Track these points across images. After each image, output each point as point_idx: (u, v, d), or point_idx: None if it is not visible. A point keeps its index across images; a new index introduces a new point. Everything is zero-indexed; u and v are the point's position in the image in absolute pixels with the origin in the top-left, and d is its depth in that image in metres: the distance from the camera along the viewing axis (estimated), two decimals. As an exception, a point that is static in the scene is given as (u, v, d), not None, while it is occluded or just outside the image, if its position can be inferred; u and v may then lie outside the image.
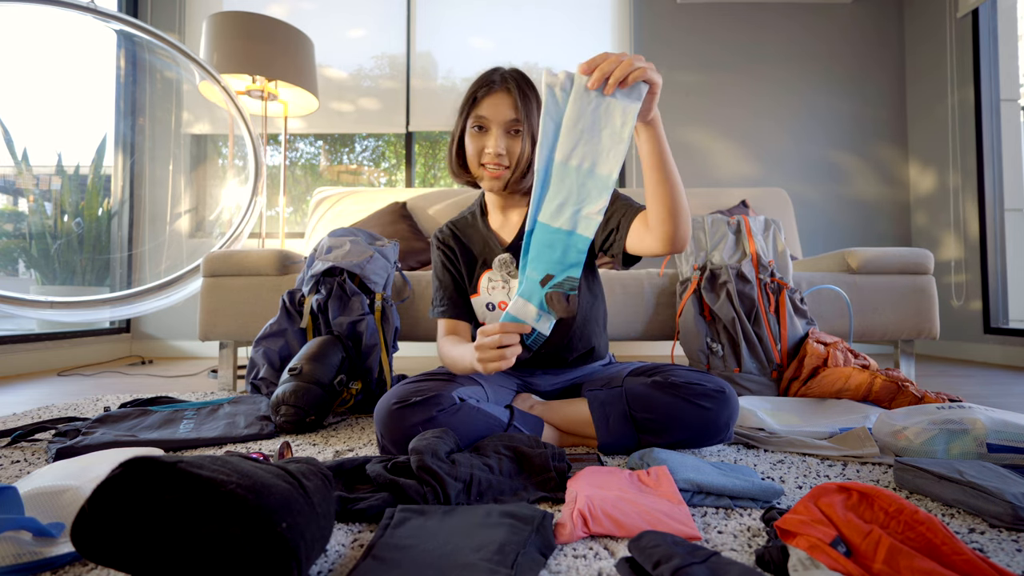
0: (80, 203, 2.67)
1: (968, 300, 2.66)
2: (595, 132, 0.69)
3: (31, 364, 2.22)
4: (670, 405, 0.92)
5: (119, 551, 0.44)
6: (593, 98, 0.68)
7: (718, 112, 3.06)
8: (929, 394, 1.16)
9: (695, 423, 0.92)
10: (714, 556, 0.50)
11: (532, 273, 0.75)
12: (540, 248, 0.74)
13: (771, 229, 1.52)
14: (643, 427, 0.93)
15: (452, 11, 3.09)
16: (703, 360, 1.39)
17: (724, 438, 0.95)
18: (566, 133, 0.69)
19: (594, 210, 0.72)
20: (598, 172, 0.70)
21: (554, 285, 0.74)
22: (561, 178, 0.71)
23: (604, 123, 0.68)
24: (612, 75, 0.66)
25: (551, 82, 0.69)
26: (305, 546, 0.46)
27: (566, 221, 0.73)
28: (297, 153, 3.28)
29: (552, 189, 0.72)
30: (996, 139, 2.60)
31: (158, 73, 3.01)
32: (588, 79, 0.67)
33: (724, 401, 0.93)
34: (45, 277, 2.57)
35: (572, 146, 0.70)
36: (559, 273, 0.74)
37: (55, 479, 0.66)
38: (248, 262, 1.67)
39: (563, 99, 0.69)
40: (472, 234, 1.11)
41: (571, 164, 0.71)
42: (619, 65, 0.66)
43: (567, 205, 0.72)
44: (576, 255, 0.74)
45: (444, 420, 0.87)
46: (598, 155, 0.70)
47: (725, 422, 0.93)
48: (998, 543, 0.60)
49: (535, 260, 0.74)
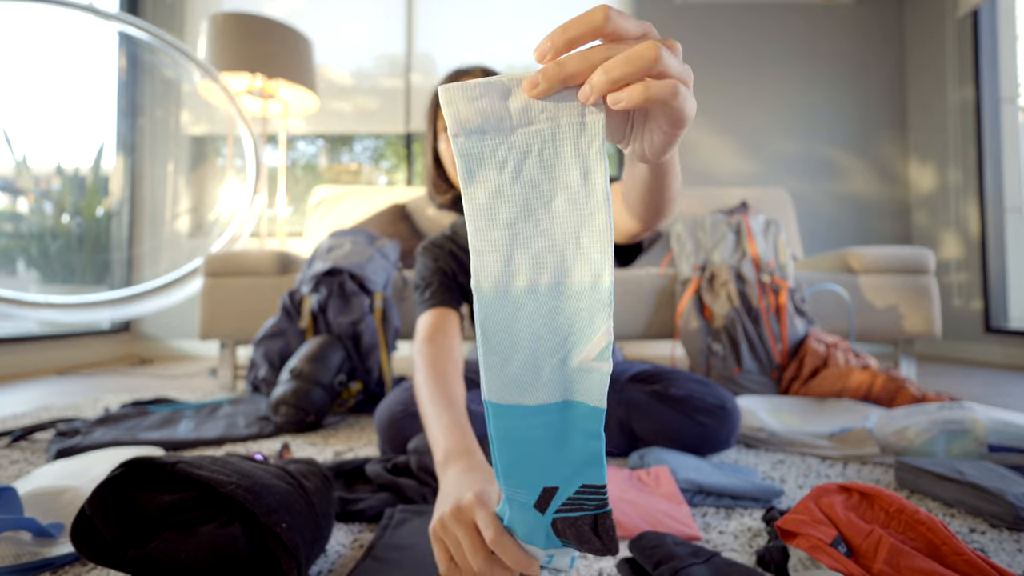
0: (80, 203, 2.67)
1: (968, 300, 2.66)
2: (536, 207, 0.33)
3: (31, 364, 2.22)
4: (669, 420, 0.90)
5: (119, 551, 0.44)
6: (515, 136, 0.32)
7: (718, 111, 3.06)
8: (929, 394, 1.16)
9: (694, 440, 0.90)
10: (715, 556, 0.50)
11: (515, 493, 0.38)
12: (511, 448, 0.36)
13: (771, 229, 1.52)
14: (640, 437, 0.92)
15: (452, 11, 3.09)
16: (703, 360, 1.39)
17: (726, 448, 0.94)
18: (481, 231, 0.34)
19: (594, 351, 0.33)
20: (573, 280, 0.33)
21: (564, 505, 0.37)
22: (506, 320, 0.34)
23: (549, 181, 0.33)
24: (596, 78, 0.29)
25: (465, 115, 0.32)
26: (305, 546, 0.46)
27: (547, 389, 0.35)
28: (297, 153, 3.28)
29: (494, 343, 0.35)
30: (996, 139, 2.60)
31: (158, 73, 3.01)
32: (519, 89, 0.31)
33: (724, 417, 0.91)
34: (45, 277, 2.56)
35: (502, 253, 0.34)
36: (566, 481, 0.36)
37: (55, 479, 0.66)
38: (248, 262, 1.67)
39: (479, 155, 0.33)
40: (448, 255, 0.99)
41: (514, 287, 0.34)
42: (612, 59, 0.29)
43: (538, 362, 0.35)
44: (587, 444, 0.35)
45: None
46: (562, 251, 0.33)
47: (725, 437, 0.92)
48: (998, 543, 0.60)
49: (509, 471, 0.37)
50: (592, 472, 0.36)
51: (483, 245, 0.34)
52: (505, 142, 0.32)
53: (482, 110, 0.31)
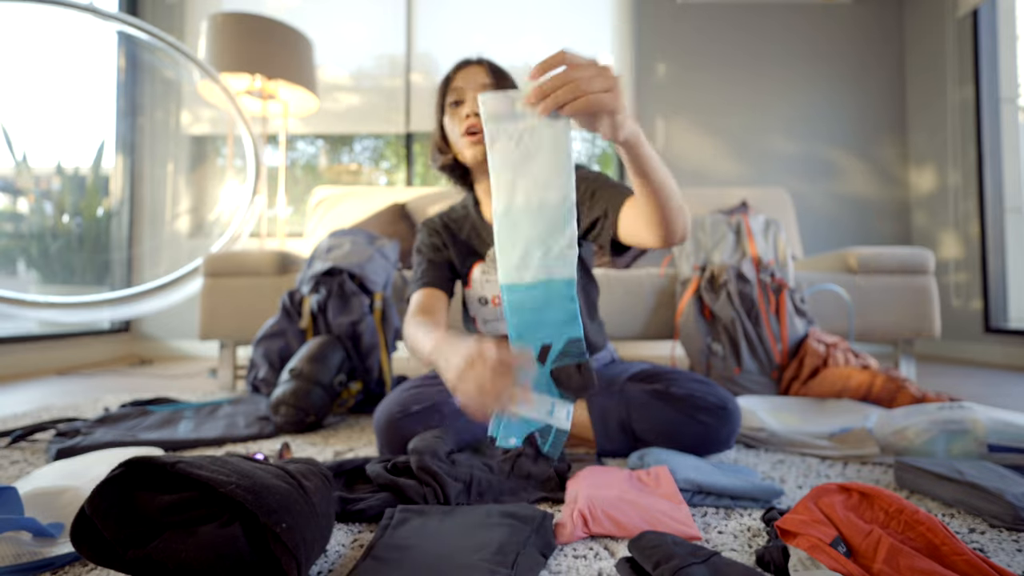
0: (80, 203, 2.67)
1: (968, 300, 2.66)
2: (528, 162, 0.57)
3: (31, 364, 2.22)
4: (669, 419, 0.90)
5: (119, 551, 0.44)
6: (518, 124, 0.57)
7: (718, 111, 3.06)
8: (929, 394, 1.16)
9: (694, 439, 0.90)
10: (714, 556, 0.50)
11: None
12: (519, 315, 0.59)
13: (771, 229, 1.52)
14: (641, 437, 0.92)
15: (452, 11, 3.09)
16: (703, 360, 1.39)
17: (726, 449, 0.94)
18: (498, 174, 0.58)
19: (564, 244, 0.58)
20: (549, 202, 0.58)
21: (557, 357, 0.60)
22: (511, 227, 0.59)
23: (535, 149, 0.57)
24: (549, 98, 0.53)
25: (492, 110, 0.57)
26: (305, 546, 0.46)
27: (536, 271, 0.59)
28: (297, 153, 3.28)
29: (505, 243, 0.59)
30: (996, 139, 2.60)
31: (158, 73, 3.01)
32: (520, 101, 0.56)
33: (725, 417, 0.91)
34: (45, 277, 2.56)
35: (509, 187, 0.58)
36: (556, 338, 0.59)
37: (55, 479, 0.66)
38: (248, 262, 1.67)
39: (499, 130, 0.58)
40: (464, 225, 1.06)
41: (515, 206, 0.58)
42: (563, 87, 0.52)
43: (530, 253, 0.59)
44: (565, 306, 0.59)
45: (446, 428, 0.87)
46: (542, 185, 0.57)
47: (726, 437, 0.92)
48: (998, 543, 0.60)
49: (519, 333, 0.60)
50: (572, 328, 0.59)
51: (499, 182, 0.58)
52: (513, 125, 0.57)
53: (502, 108, 0.57)
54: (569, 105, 0.52)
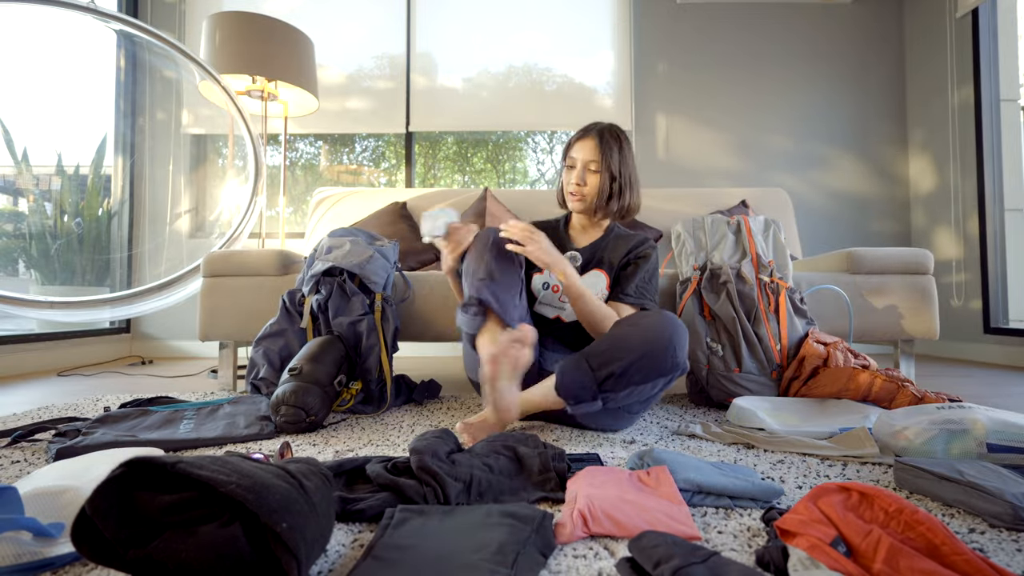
0: (80, 203, 2.67)
1: (968, 300, 2.66)
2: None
3: (31, 364, 2.22)
4: (614, 333, 1.05)
5: (119, 551, 0.44)
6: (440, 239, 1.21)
7: (718, 111, 3.06)
8: (929, 394, 1.16)
9: (638, 340, 1.00)
10: (714, 556, 0.50)
11: None
12: None
13: (771, 229, 1.52)
14: (595, 365, 1.00)
15: (452, 11, 3.09)
16: (703, 360, 1.39)
17: (678, 361, 1.00)
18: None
19: None
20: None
21: None
22: None
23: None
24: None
25: (426, 231, 1.22)
26: (305, 546, 0.46)
27: None
28: (297, 153, 3.28)
29: None
30: (996, 139, 2.60)
31: (158, 73, 3.01)
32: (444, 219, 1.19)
33: (662, 316, 1.02)
34: (45, 277, 2.56)
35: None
36: None
37: (55, 479, 0.66)
38: (248, 262, 1.67)
39: None
40: (553, 232, 1.38)
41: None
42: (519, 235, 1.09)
43: None
44: None
45: None
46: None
47: (669, 337, 0.99)
48: (998, 543, 0.60)
49: None
50: None
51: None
52: (441, 240, 1.21)
53: (427, 227, 1.21)
54: (520, 250, 1.08)
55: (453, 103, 3.05)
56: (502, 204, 2.32)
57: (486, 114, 3.05)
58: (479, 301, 1.07)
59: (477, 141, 3.32)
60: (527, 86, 3.05)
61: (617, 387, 0.99)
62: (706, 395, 1.42)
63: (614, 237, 1.34)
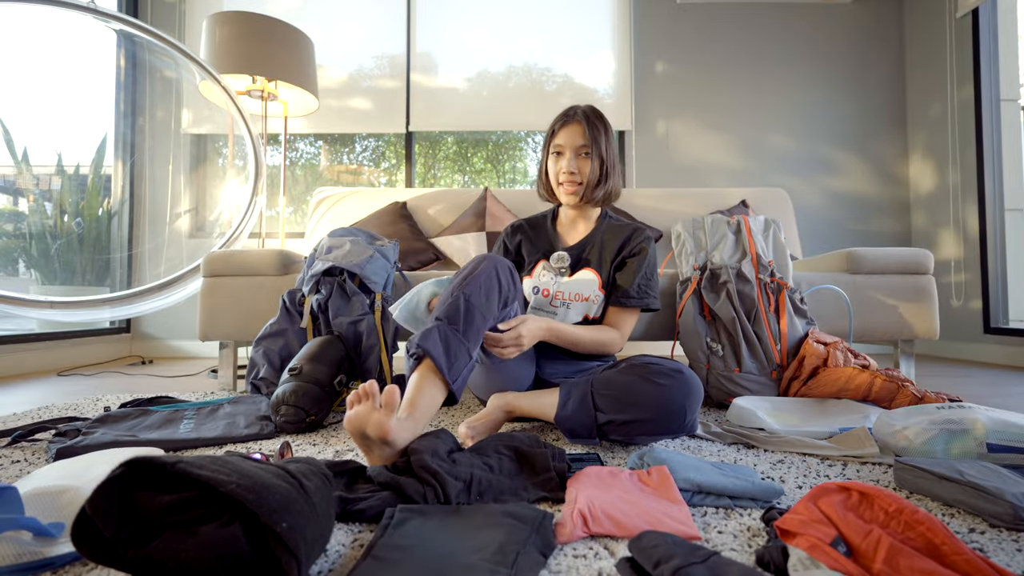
0: (80, 203, 2.67)
1: (968, 300, 2.66)
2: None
3: (31, 364, 2.22)
4: (628, 383, 0.95)
5: (119, 551, 0.44)
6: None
7: (718, 111, 3.06)
8: (929, 394, 1.16)
9: (650, 401, 0.92)
10: (714, 556, 0.50)
11: None
12: None
13: (771, 229, 1.52)
14: (601, 406, 0.95)
15: (452, 11, 3.09)
16: (703, 360, 1.39)
17: (685, 425, 0.93)
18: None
19: None
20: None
21: None
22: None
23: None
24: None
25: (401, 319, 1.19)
26: (305, 546, 0.46)
27: None
28: (297, 153, 3.28)
29: None
30: (996, 138, 2.60)
31: (158, 73, 3.01)
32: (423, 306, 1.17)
33: (681, 380, 0.93)
34: (45, 277, 2.56)
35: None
36: None
37: (55, 479, 0.66)
38: (248, 262, 1.67)
39: None
40: (540, 230, 1.33)
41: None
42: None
43: None
44: None
45: None
46: None
47: (681, 403, 0.92)
48: (998, 543, 0.60)
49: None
50: None
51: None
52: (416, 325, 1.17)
53: (402, 317, 1.18)
54: (503, 352, 1.00)
55: (453, 103, 3.05)
56: (502, 204, 2.32)
57: (486, 114, 3.05)
58: (421, 349, 0.88)
59: (477, 141, 3.32)
60: (527, 86, 3.05)
61: (618, 432, 0.95)
62: (706, 395, 1.42)
63: (606, 229, 1.27)
